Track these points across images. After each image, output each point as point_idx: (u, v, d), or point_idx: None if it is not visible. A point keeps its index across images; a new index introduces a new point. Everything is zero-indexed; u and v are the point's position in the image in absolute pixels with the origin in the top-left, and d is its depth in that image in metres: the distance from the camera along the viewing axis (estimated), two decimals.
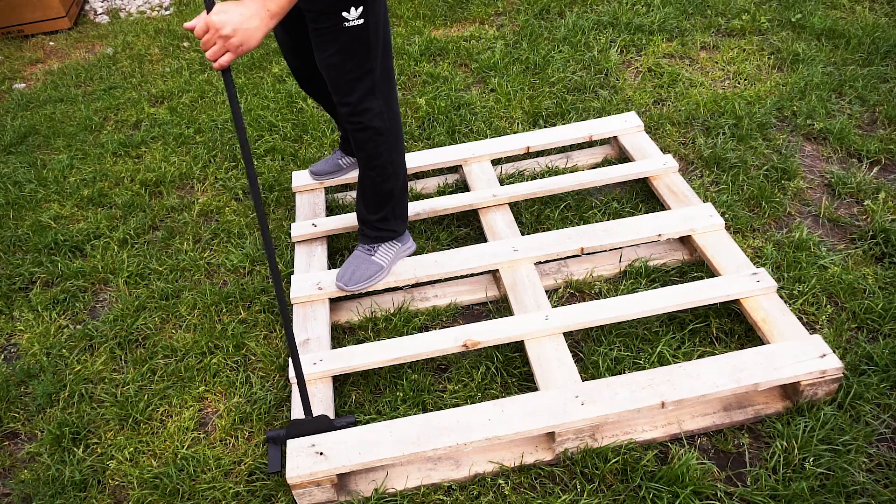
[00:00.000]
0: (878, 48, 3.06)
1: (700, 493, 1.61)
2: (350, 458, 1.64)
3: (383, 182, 2.02)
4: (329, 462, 1.64)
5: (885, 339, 1.90)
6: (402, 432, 1.68)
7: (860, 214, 2.32)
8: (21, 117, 3.60)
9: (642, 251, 2.23)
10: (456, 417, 1.70)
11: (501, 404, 1.71)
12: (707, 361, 1.74)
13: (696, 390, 1.68)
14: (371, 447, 1.66)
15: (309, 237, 2.37)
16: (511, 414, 1.69)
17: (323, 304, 2.11)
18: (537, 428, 1.65)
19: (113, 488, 1.82)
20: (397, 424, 1.70)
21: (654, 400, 1.67)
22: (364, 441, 1.67)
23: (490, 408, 1.71)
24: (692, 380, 1.70)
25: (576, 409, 1.67)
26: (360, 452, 1.65)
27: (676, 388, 1.69)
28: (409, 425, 1.70)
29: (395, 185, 2.04)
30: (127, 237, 2.64)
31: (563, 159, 2.69)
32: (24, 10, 4.53)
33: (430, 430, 1.68)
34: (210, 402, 2.00)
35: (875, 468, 1.64)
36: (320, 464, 1.64)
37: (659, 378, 1.72)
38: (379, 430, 1.69)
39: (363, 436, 1.68)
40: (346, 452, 1.66)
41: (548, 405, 1.69)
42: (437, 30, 3.86)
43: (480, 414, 1.70)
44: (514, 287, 2.07)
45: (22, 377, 2.15)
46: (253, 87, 3.51)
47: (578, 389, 1.72)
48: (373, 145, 1.93)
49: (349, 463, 1.63)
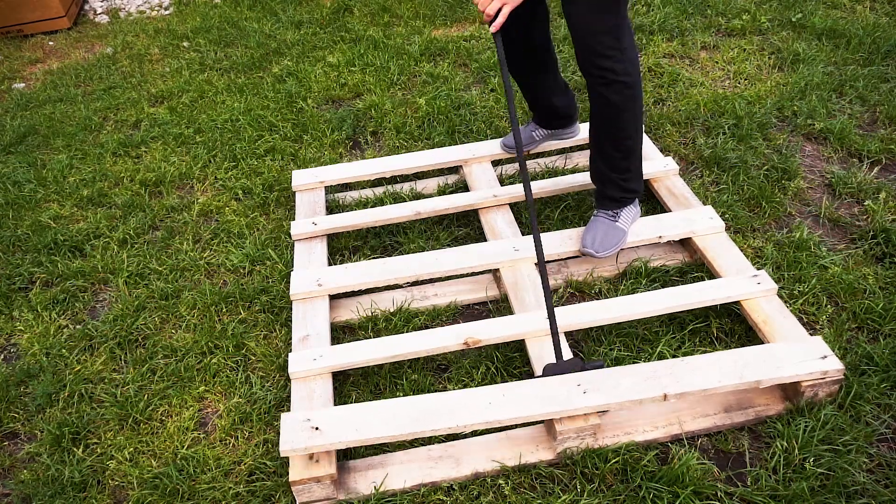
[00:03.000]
0: (878, 48, 3.06)
1: (700, 494, 1.60)
2: (347, 435, 1.64)
3: (626, 137, 2.00)
4: (325, 437, 1.63)
5: (886, 339, 1.90)
6: (401, 412, 1.68)
7: (861, 214, 2.32)
8: (20, 117, 3.60)
9: (642, 252, 2.23)
10: (456, 400, 1.70)
11: (503, 389, 1.71)
12: (710, 357, 1.74)
13: (698, 384, 1.68)
14: (369, 425, 1.66)
15: (309, 235, 2.37)
16: (512, 399, 1.69)
17: (323, 300, 2.11)
18: (538, 413, 1.65)
19: (113, 488, 1.82)
20: (397, 404, 1.70)
21: (657, 392, 1.67)
22: (362, 419, 1.67)
23: (491, 391, 1.71)
24: (695, 374, 1.70)
25: (578, 396, 1.67)
26: (356, 429, 1.65)
27: (679, 382, 1.69)
28: (409, 405, 1.70)
29: (637, 140, 2.03)
30: (127, 237, 2.64)
31: (564, 160, 2.69)
32: (24, 10, 4.52)
33: (429, 411, 1.68)
34: (210, 402, 2.00)
35: (875, 468, 1.64)
36: (315, 438, 1.63)
37: (662, 371, 1.72)
38: (378, 408, 1.69)
39: (361, 413, 1.68)
40: (342, 429, 1.65)
41: (550, 392, 1.69)
42: (437, 30, 3.85)
43: (481, 397, 1.70)
44: (516, 286, 2.07)
45: (22, 377, 2.14)
46: (253, 87, 3.51)
47: (581, 378, 1.72)
48: (620, 98, 1.93)
49: (345, 439, 1.63)
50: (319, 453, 1.66)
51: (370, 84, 3.40)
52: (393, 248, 2.44)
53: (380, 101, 3.20)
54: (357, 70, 3.54)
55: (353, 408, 1.69)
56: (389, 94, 3.30)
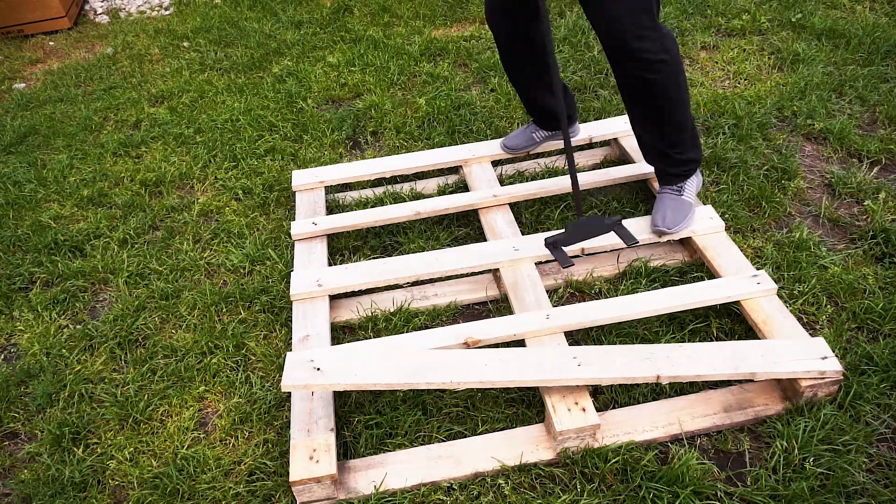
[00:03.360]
0: (878, 48, 3.06)
1: (700, 493, 1.60)
2: (346, 378, 1.66)
3: (675, 111, 2.00)
4: (325, 377, 1.66)
5: (885, 339, 1.90)
6: (401, 363, 1.71)
7: (860, 214, 2.32)
8: (21, 117, 3.60)
9: (642, 252, 2.23)
10: (455, 358, 1.73)
11: (500, 354, 1.74)
12: (708, 345, 1.75)
13: (693, 370, 1.68)
14: (369, 371, 1.68)
15: (309, 235, 2.37)
16: (508, 364, 1.71)
17: (323, 300, 2.11)
18: (531, 380, 1.68)
19: (113, 488, 1.82)
20: (397, 355, 1.73)
21: (651, 372, 1.68)
22: (363, 364, 1.69)
23: (489, 355, 1.73)
24: (690, 361, 1.71)
25: (573, 368, 1.69)
26: (356, 374, 1.67)
27: (675, 365, 1.69)
28: (408, 357, 1.73)
29: (686, 111, 2.03)
30: (127, 237, 2.64)
31: (564, 159, 2.69)
32: (24, 10, 4.52)
33: (428, 366, 1.70)
34: (210, 402, 2.00)
35: (875, 468, 1.64)
36: (316, 377, 1.66)
37: (658, 353, 1.72)
38: (378, 357, 1.72)
39: (363, 359, 1.71)
40: (343, 372, 1.67)
41: (545, 361, 1.71)
42: (437, 30, 3.86)
43: (479, 358, 1.73)
44: (516, 286, 2.07)
45: (22, 377, 2.14)
46: (253, 87, 3.52)
47: (577, 351, 1.73)
48: (663, 77, 1.92)
49: (345, 381, 1.65)
50: (320, 452, 1.67)
51: (370, 84, 3.40)
52: (393, 248, 2.44)
53: (380, 101, 3.20)
54: (357, 70, 3.54)
55: (356, 354, 1.72)
56: (389, 94, 3.30)
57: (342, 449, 1.82)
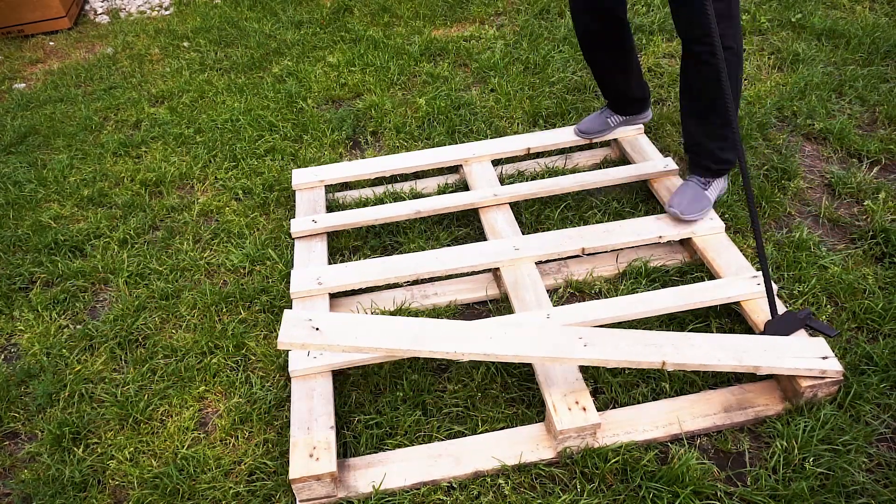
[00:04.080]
0: (878, 48, 3.06)
1: (700, 493, 1.61)
2: (346, 340, 1.63)
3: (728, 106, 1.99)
4: (324, 338, 1.63)
5: (885, 339, 1.90)
6: (403, 329, 1.69)
7: (860, 214, 2.32)
8: (21, 117, 3.60)
9: (642, 252, 2.23)
10: (458, 329, 1.70)
11: (506, 328, 1.71)
12: (713, 336, 1.75)
13: (698, 359, 1.68)
14: (369, 335, 1.66)
15: (309, 233, 2.37)
16: (513, 339, 1.69)
17: (323, 298, 2.11)
18: (536, 356, 1.65)
19: (113, 488, 1.82)
20: (400, 321, 1.71)
21: (656, 358, 1.67)
22: (363, 328, 1.67)
23: (494, 327, 1.71)
24: (695, 349, 1.71)
25: (579, 348, 1.68)
26: (356, 337, 1.65)
27: (680, 353, 1.69)
28: (410, 324, 1.70)
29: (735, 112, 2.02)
30: (127, 237, 2.64)
31: (564, 159, 2.69)
32: (24, 10, 4.52)
33: (430, 335, 1.68)
34: (210, 402, 2.00)
35: (875, 468, 1.64)
36: (315, 337, 1.63)
37: (664, 340, 1.72)
38: (379, 323, 1.70)
39: (363, 324, 1.68)
40: (342, 333, 1.65)
41: (551, 339, 1.69)
42: (437, 30, 3.86)
43: (483, 331, 1.70)
44: (516, 285, 2.07)
45: (22, 377, 2.15)
46: (253, 87, 3.52)
47: (583, 332, 1.72)
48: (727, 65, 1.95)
49: (344, 343, 1.62)
50: (320, 450, 1.67)
51: (370, 84, 3.40)
52: (393, 247, 2.45)
53: (380, 101, 3.20)
54: (357, 70, 3.54)
55: (357, 317, 1.70)
56: (389, 94, 3.30)
57: (342, 448, 1.82)
